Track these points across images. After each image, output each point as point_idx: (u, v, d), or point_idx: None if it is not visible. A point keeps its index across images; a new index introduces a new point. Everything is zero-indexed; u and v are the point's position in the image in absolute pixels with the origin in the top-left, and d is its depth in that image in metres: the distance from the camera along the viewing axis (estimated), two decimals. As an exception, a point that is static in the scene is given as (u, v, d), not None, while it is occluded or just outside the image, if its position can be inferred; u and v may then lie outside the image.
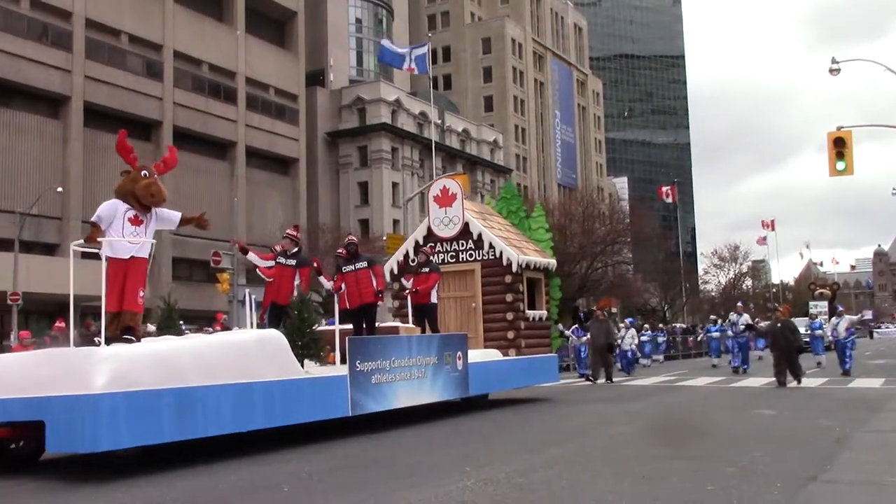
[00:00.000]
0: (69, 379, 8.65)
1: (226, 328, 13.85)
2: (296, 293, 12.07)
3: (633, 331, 29.55)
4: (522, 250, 16.33)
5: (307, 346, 11.23)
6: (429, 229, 16.66)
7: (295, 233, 12.69)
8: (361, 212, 64.25)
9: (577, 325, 27.50)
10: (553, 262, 17.38)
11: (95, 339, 9.93)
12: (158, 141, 49.04)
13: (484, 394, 15.08)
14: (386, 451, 10.17)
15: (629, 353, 28.28)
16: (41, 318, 40.44)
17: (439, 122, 69.56)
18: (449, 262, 16.28)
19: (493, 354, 15.51)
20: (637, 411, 14.41)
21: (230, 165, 54.26)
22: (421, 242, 16.33)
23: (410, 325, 14.47)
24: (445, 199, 16.43)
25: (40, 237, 43.05)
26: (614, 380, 22.63)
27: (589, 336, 23.48)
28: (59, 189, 41.62)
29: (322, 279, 13.61)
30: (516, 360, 15.81)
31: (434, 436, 11.88)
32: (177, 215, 10.45)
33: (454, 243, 16.39)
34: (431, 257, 15.36)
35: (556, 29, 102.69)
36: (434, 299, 14.57)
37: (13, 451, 9.59)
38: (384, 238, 44.19)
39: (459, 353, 13.88)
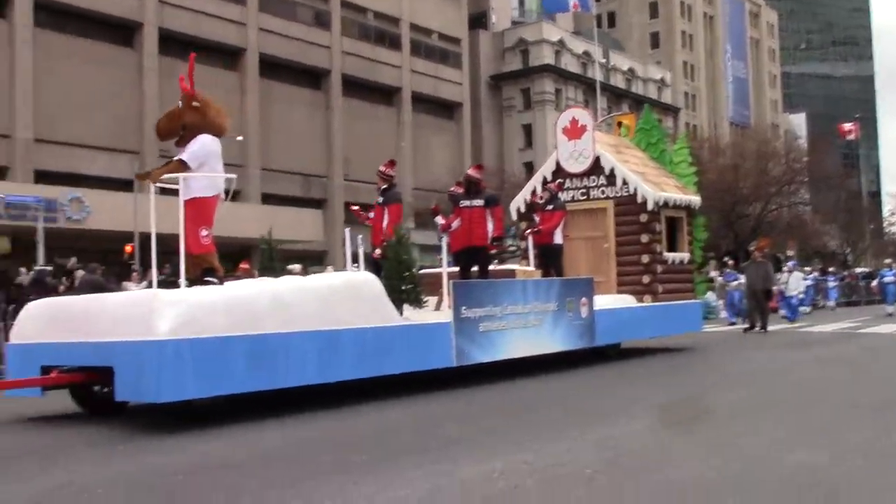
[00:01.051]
0: (137, 323, 7.86)
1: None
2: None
3: (798, 273, 26.92)
4: (661, 186, 14.54)
5: (405, 289, 10.06)
6: (557, 164, 15.06)
7: (384, 169, 11.52)
8: (525, 154, 62.52)
9: (728, 269, 25.26)
10: (696, 199, 15.47)
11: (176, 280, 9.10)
12: (328, 89, 49.24)
13: (615, 343, 13.59)
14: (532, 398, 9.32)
15: (793, 300, 25.78)
16: (226, 260, 41.29)
17: (603, 61, 66.61)
18: (579, 200, 14.71)
19: (626, 300, 13.93)
20: (803, 360, 13.02)
21: (396, 111, 53.78)
22: (549, 178, 14.83)
23: (530, 267, 13.12)
24: (574, 131, 14.76)
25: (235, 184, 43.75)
26: (769, 328, 20.46)
27: (744, 279, 21.33)
28: (240, 138, 42.31)
29: (438, 219, 12.38)
30: (652, 306, 14.13)
31: (579, 383, 10.93)
32: None
33: (584, 179, 14.73)
34: (559, 194, 13.91)
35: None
36: (558, 240, 13.14)
37: (102, 394, 8.93)
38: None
39: (584, 299, 12.43)
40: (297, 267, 14.84)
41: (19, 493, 5.50)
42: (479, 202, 11.88)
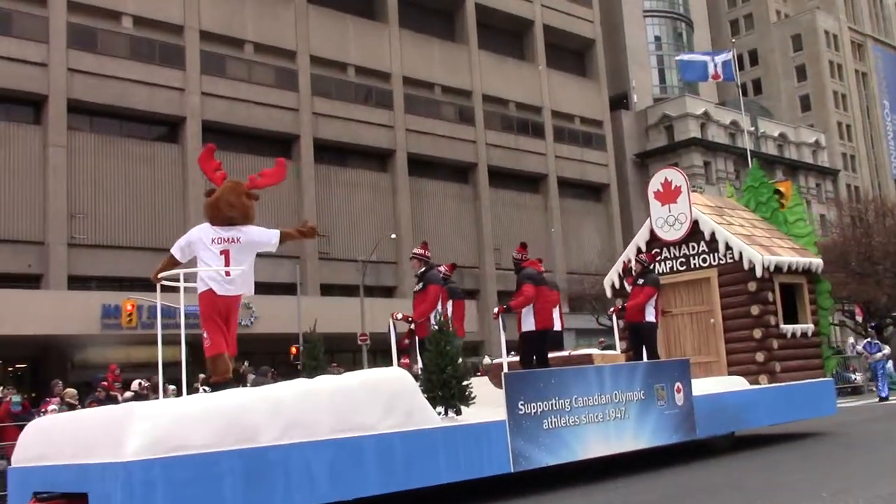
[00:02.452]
0: (110, 442, 6.58)
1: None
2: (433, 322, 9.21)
3: None
4: (771, 249, 12.25)
5: (449, 386, 8.35)
6: (651, 232, 13.06)
7: (420, 250, 9.94)
8: None
9: (869, 339, 21.85)
10: (817, 261, 13.02)
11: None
12: (475, 182, 48.70)
13: (722, 434, 11.27)
14: None
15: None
16: (383, 356, 40.86)
17: (752, 129, 63.11)
18: (679, 271, 12.59)
19: (735, 383, 11.62)
20: None
21: (543, 198, 52.38)
22: (643, 249, 12.82)
23: (616, 351, 11.10)
24: (668, 195, 12.72)
25: (380, 281, 43.60)
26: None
27: (888, 350, 18.08)
28: (393, 236, 42.28)
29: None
30: (769, 388, 11.71)
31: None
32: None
33: (683, 247, 12.62)
34: (651, 265, 11.91)
35: (875, 12, 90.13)
36: (650, 317, 11.12)
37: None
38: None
39: (679, 385, 10.30)
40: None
41: None
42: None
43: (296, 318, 33.79)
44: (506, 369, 9.38)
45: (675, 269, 12.65)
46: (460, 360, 8.47)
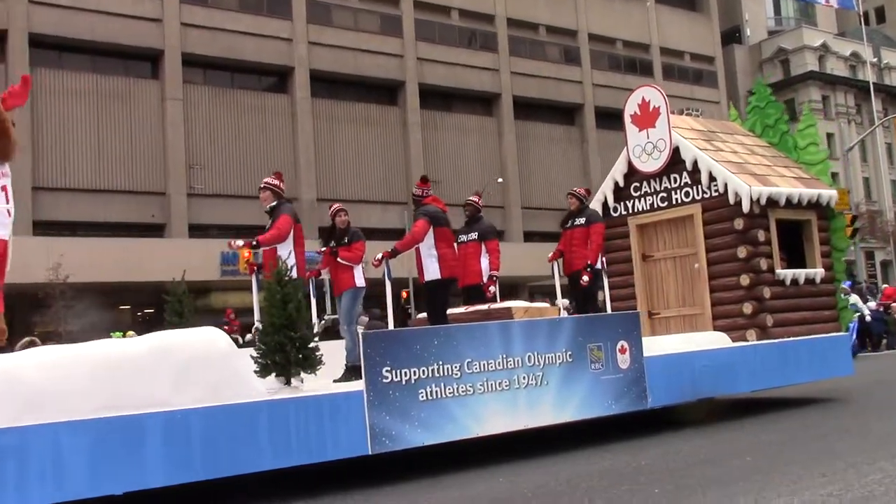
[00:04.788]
0: None
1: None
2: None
3: None
4: (766, 179, 9.40)
5: (285, 350, 6.36)
6: (629, 164, 10.39)
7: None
8: None
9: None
10: (831, 193, 10.01)
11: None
12: (581, 123, 45.60)
13: (696, 401, 8.62)
14: None
15: None
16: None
17: (875, 60, 56.25)
18: (660, 208, 9.92)
19: (712, 340, 8.95)
20: None
21: (652, 136, 48.47)
22: (621, 183, 10.21)
23: (544, 304, 8.72)
24: (646, 118, 9.97)
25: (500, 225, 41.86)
26: None
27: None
28: (500, 180, 40.34)
29: None
30: (751, 346, 8.93)
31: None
32: None
33: (664, 180, 9.94)
34: (587, 199, 9.47)
35: None
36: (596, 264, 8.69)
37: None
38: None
39: (623, 344, 7.87)
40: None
41: None
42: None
43: (406, 263, 32.35)
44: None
45: (655, 205, 9.98)
46: (304, 314, 6.44)
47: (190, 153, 34.63)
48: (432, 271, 7.82)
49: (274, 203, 7.78)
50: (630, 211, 10.22)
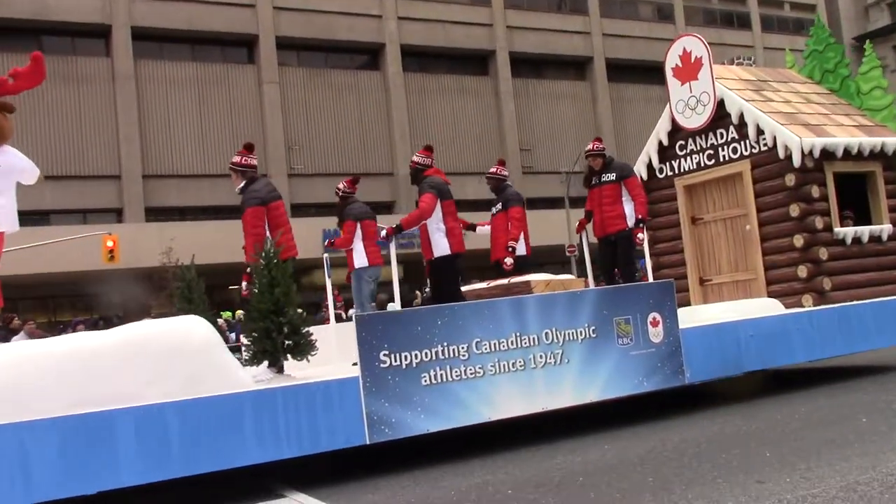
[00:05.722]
0: None
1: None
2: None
3: None
4: (821, 129, 8.28)
5: (271, 337, 5.96)
6: (672, 120, 9.36)
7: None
8: None
9: None
10: (894, 140, 8.75)
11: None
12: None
13: (734, 375, 7.62)
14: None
15: None
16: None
17: None
18: (707, 166, 8.91)
19: (761, 307, 7.94)
20: None
21: (755, 90, 45.83)
22: (665, 142, 9.24)
23: (570, 276, 7.94)
24: (688, 70, 8.97)
25: (584, 192, 40.71)
26: None
27: None
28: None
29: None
30: (804, 313, 7.83)
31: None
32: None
33: (710, 136, 8.91)
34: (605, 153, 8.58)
35: None
36: (630, 223, 7.87)
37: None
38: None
39: (655, 316, 7.05)
40: None
41: None
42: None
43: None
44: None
45: (702, 164, 8.98)
46: (294, 298, 6.00)
47: (288, 134, 34.93)
48: (442, 247, 7.23)
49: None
50: (676, 171, 9.29)
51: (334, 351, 8.03)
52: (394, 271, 6.98)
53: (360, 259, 7.58)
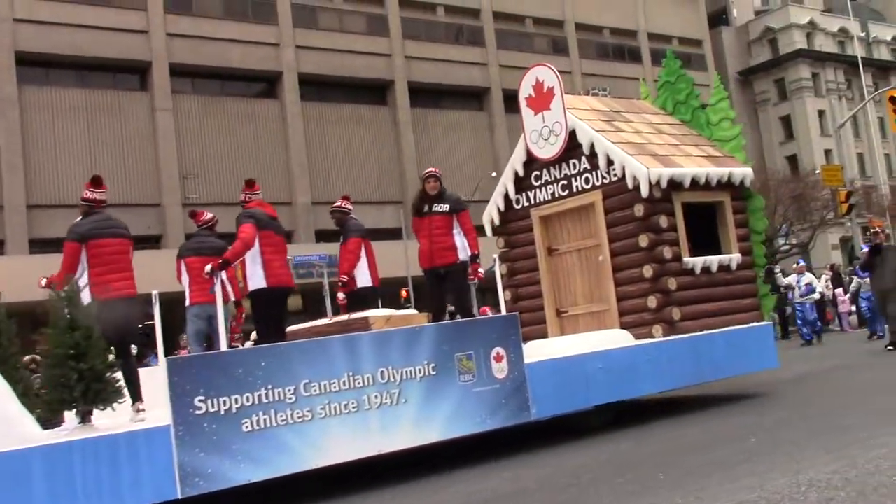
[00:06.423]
0: None
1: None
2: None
3: None
4: (669, 159, 8.17)
5: (69, 385, 5.30)
6: (527, 150, 9.12)
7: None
8: (787, 148, 51.67)
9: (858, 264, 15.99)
10: (744, 171, 8.74)
11: None
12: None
13: (592, 408, 7.39)
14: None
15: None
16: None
17: (863, 35, 54.13)
18: (561, 197, 8.70)
19: (610, 339, 7.72)
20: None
21: (645, 121, 47.00)
22: (521, 173, 9.01)
23: (411, 310, 7.58)
24: (541, 99, 8.78)
25: (482, 220, 40.67)
26: None
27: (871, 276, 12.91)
28: (494, 174, 39.23)
29: None
30: (652, 344, 7.69)
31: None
32: None
33: (563, 166, 8.70)
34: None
35: None
36: (463, 256, 7.52)
37: None
38: (817, 172, 34.55)
39: (499, 351, 6.72)
40: None
41: None
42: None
43: (402, 261, 31.33)
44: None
45: (556, 194, 8.74)
46: (97, 342, 5.37)
47: (182, 163, 33.73)
48: (256, 280, 6.68)
49: None
50: (532, 202, 9.04)
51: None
52: (219, 308, 6.40)
53: (190, 297, 6.99)
